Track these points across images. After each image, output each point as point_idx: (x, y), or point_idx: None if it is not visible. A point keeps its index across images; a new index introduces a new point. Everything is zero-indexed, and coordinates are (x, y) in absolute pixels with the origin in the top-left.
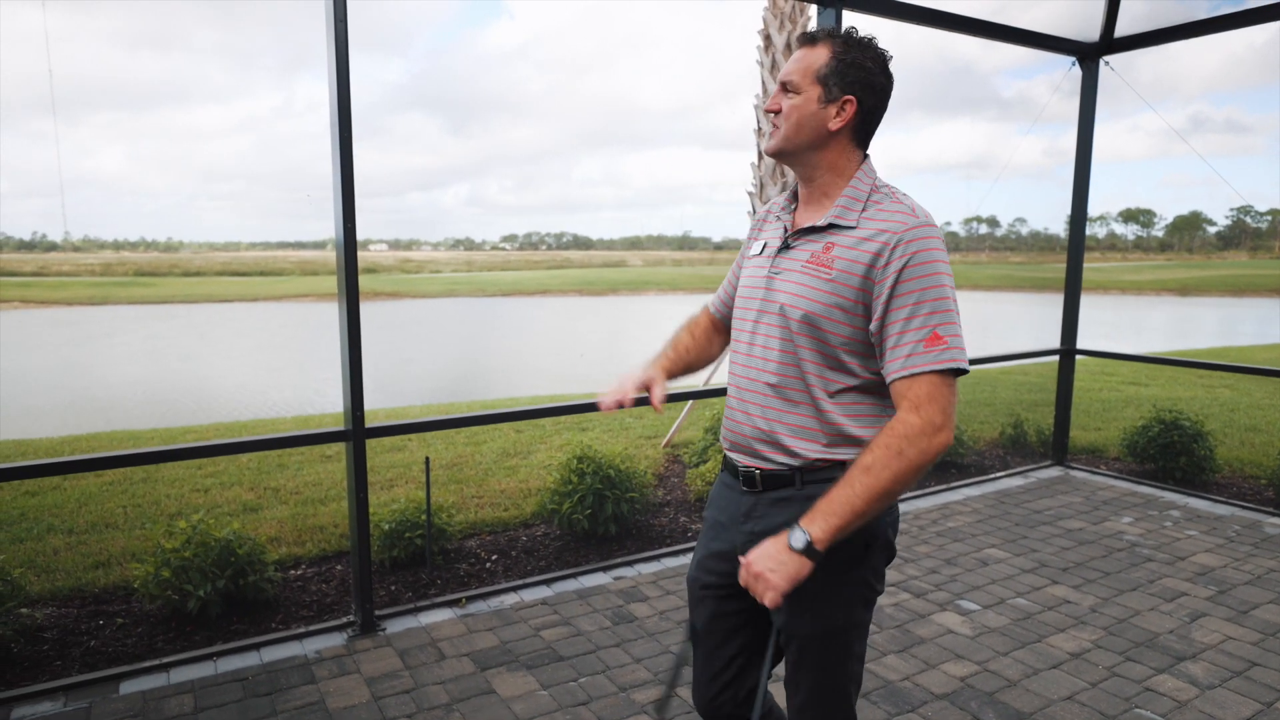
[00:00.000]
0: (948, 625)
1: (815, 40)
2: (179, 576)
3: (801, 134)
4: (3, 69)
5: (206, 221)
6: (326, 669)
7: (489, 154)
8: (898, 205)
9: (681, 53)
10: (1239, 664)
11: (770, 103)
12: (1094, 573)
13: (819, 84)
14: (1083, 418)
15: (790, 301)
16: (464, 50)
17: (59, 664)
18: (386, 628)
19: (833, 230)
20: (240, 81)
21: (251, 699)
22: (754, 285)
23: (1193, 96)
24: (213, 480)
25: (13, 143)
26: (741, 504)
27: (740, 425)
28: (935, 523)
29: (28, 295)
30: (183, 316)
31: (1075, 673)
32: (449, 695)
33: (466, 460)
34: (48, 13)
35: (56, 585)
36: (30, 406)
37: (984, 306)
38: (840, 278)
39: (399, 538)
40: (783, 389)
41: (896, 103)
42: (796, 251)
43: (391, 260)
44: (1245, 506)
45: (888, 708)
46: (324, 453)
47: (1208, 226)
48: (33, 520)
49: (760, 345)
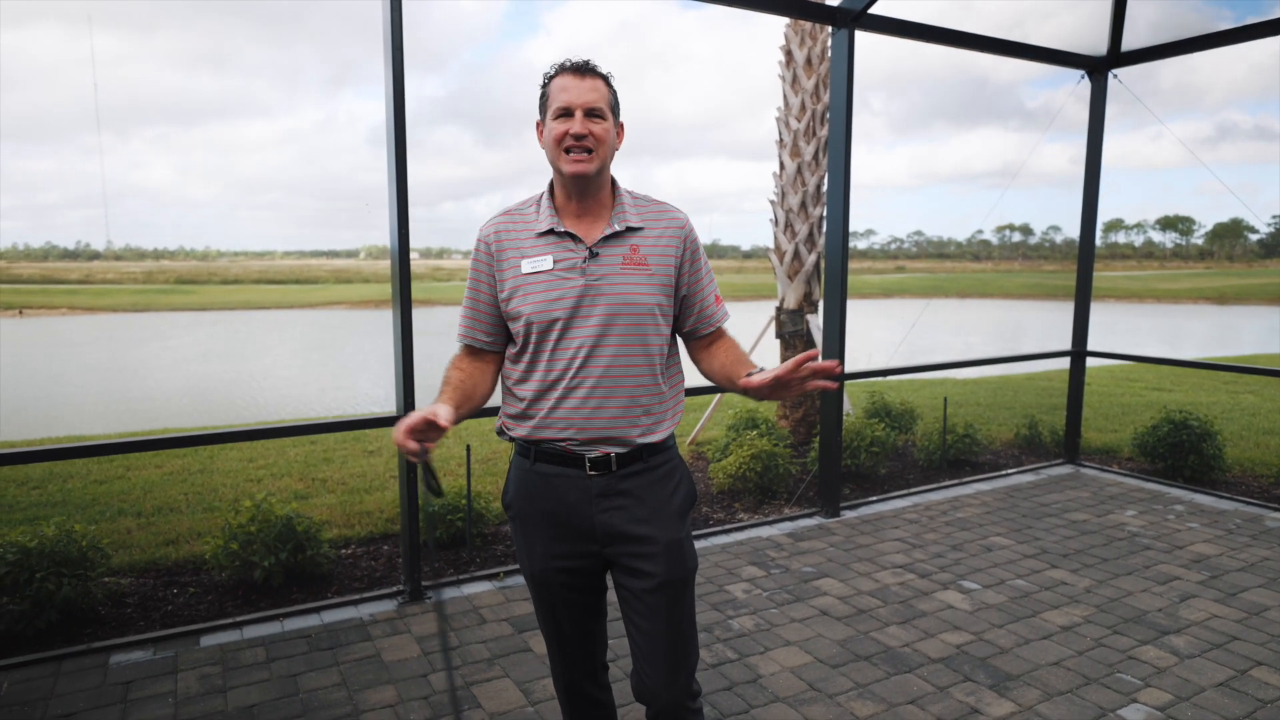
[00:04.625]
0: (949, 602)
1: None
2: (245, 549)
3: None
4: (62, 88)
5: (245, 231)
6: (380, 629)
7: (520, 165)
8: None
9: (708, 68)
10: (1220, 638)
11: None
12: (1093, 559)
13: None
14: (1100, 420)
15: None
16: (500, 66)
17: (141, 624)
18: (432, 596)
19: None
20: (285, 97)
21: (316, 652)
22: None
23: (1220, 105)
24: (264, 472)
25: (68, 156)
26: (592, 486)
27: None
28: (944, 513)
29: (75, 302)
30: (225, 322)
31: (1064, 643)
32: (490, 652)
33: (500, 455)
34: (112, 36)
35: (133, 559)
36: (81, 406)
37: (1015, 314)
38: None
39: (441, 520)
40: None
41: (920, 114)
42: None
43: (424, 268)
44: (1250, 502)
45: (887, 668)
46: (366, 448)
47: (1249, 234)
48: (104, 505)
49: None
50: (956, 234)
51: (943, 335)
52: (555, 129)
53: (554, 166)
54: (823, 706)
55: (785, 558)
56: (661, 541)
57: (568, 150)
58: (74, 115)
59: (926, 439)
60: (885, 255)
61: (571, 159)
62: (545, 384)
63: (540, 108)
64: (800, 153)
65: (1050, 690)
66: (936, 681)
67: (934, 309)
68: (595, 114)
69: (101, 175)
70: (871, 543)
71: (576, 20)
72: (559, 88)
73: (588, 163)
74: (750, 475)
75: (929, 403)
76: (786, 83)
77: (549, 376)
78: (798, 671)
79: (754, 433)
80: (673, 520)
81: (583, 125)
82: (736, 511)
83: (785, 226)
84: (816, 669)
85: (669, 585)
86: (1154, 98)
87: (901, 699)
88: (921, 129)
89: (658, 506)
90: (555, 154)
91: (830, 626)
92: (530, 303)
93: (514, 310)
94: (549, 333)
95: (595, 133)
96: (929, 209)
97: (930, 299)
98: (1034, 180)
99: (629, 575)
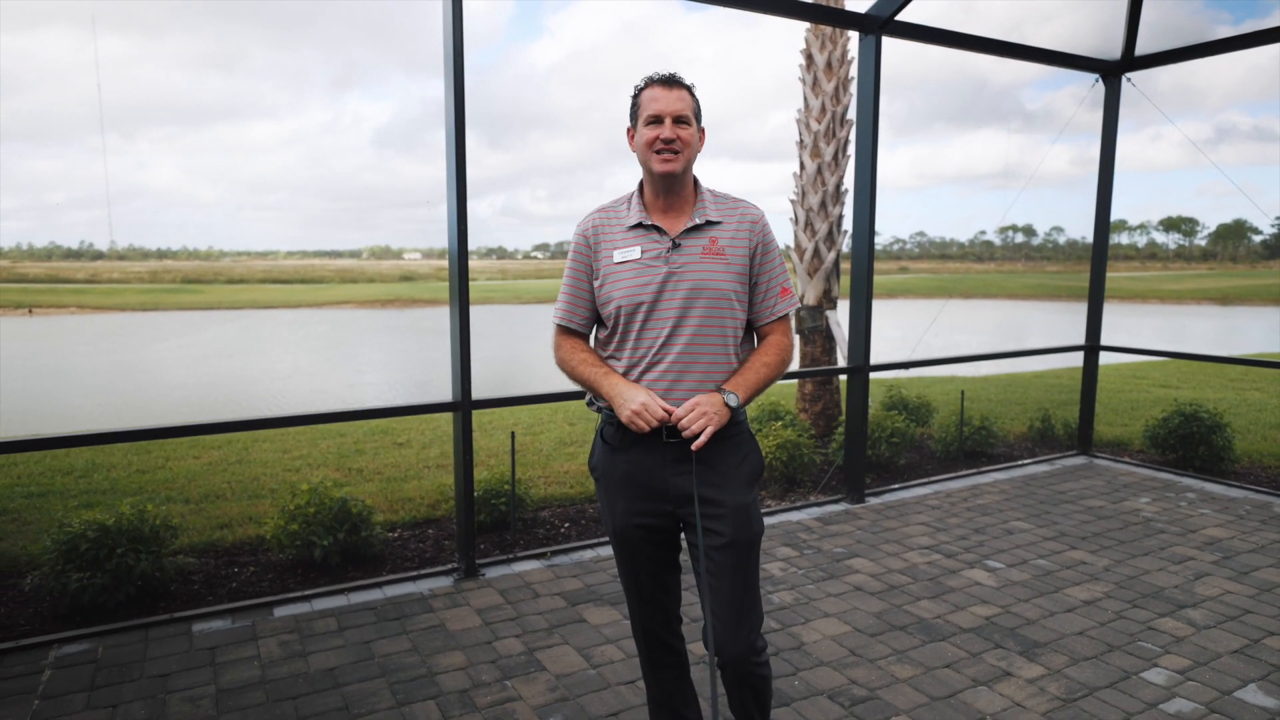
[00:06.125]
0: (975, 579)
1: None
2: (305, 529)
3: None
4: (71, 91)
5: (249, 231)
6: (440, 602)
7: (524, 166)
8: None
9: (712, 71)
10: (1234, 611)
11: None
12: (1110, 541)
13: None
14: (1110, 415)
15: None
16: (505, 69)
17: (210, 599)
18: (485, 573)
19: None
20: (292, 98)
21: (384, 622)
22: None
23: (1219, 106)
24: (300, 462)
25: (74, 157)
26: (669, 453)
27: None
28: (965, 500)
29: (84, 301)
30: (238, 320)
31: (1087, 615)
32: (547, 622)
33: (526, 448)
34: (121, 39)
35: (191, 540)
36: (106, 402)
37: (1021, 314)
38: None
39: (484, 504)
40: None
41: (920, 115)
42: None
43: (428, 269)
44: (1260, 490)
45: (921, 637)
46: (395, 440)
47: (1253, 235)
48: (150, 492)
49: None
50: (959, 235)
51: (953, 335)
52: (647, 134)
53: (645, 166)
54: (864, 669)
55: (816, 540)
56: (730, 505)
57: (658, 152)
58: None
59: (943, 431)
60: (889, 256)
61: (661, 159)
62: (633, 361)
63: (631, 115)
64: (820, 154)
65: (1076, 656)
66: (969, 648)
67: (940, 309)
68: (682, 120)
69: (105, 176)
70: (897, 526)
71: (581, 23)
72: (650, 98)
73: (675, 163)
74: (776, 464)
75: (943, 398)
76: (807, 85)
77: (635, 354)
78: (838, 639)
79: (779, 424)
80: (740, 486)
81: (671, 130)
82: (764, 499)
83: (805, 225)
84: (856, 637)
85: (736, 545)
86: (1154, 100)
87: (938, 663)
88: (923, 130)
89: (727, 473)
90: (646, 155)
91: (865, 600)
92: (620, 288)
93: (606, 295)
94: (636, 314)
95: (682, 136)
96: (931, 210)
97: (936, 299)
98: (1036, 182)
99: (700, 535)
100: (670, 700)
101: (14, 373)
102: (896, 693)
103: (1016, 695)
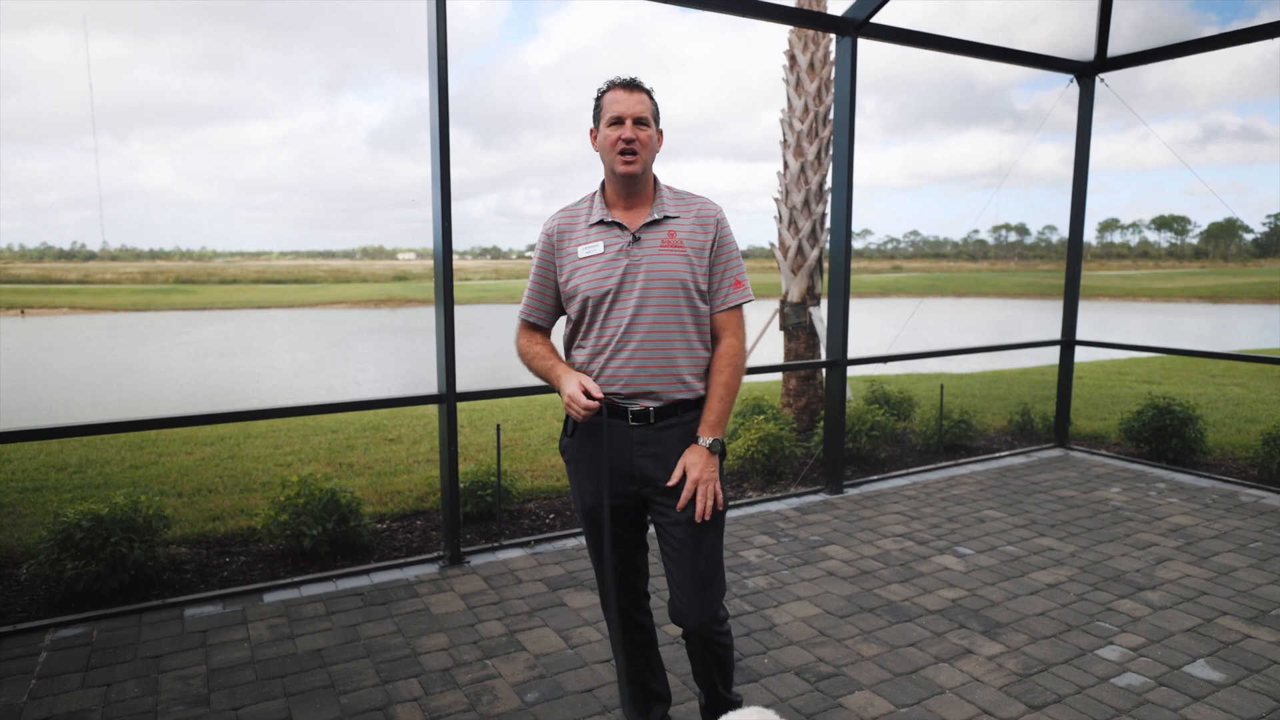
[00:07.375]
0: (945, 564)
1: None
2: (295, 520)
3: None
4: (66, 91)
5: (241, 232)
6: (426, 588)
7: (518, 166)
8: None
9: (704, 71)
10: (1191, 593)
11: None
12: (1078, 529)
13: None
14: (1090, 409)
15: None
16: (500, 70)
17: (202, 586)
18: (470, 561)
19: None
20: (285, 99)
21: (370, 607)
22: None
23: (1207, 106)
24: (292, 457)
25: (68, 158)
26: (634, 435)
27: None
28: (941, 491)
29: (76, 301)
30: (234, 320)
31: (1049, 598)
32: (529, 606)
33: (515, 443)
34: (116, 40)
35: (184, 532)
36: (104, 401)
37: (1010, 312)
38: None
39: (471, 495)
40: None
41: (912, 115)
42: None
43: (422, 269)
44: (1227, 480)
45: (889, 618)
46: (386, 436)
47: (1244, 234)
48: (143, 486)
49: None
50: (952, 234)
51: (940, 332)
52: (609, 134)
53: (607, 166)
54: (832, 648)
55: (794, 528)
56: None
57: (621, 153)
58: (75, 118)
59: (924, 425)
60: (881, 255)
61: (624, 161)
62: (598, 348)
63: (594, 117)
64: (803, 153)
65: (1036, 635)
66: (933, 629)
67: (931, 307)
68: (641, 122)
69: (97, 176)
70: (873, 515)
71: (575, 24)
72: (611, 100)
73: (635, 164)
74: (758, 457)
75: (925, 394)
76: (790, 86)
77: (600, 341)
78: (809, 621)
79: (761, 418)
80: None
81: (632, 131)
82: (745, 490)
83: (789, 223)
84: (825, 619)
85: (696, 522)
86: (1140, 100)
87: (902, 642)
88: (914, 130)
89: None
90: (609, 155)
91: (837, 585)
92: (586, 280)
93: (572, 288)
94: (600, 305)
95: (640, 138)
96: (924, 209)
97: (925, 298)
98: (1028, 180)
99: (662, 513)
100: (639, 674)
101: (8, 371)
102: (861, 669)
103: (975, 671)
